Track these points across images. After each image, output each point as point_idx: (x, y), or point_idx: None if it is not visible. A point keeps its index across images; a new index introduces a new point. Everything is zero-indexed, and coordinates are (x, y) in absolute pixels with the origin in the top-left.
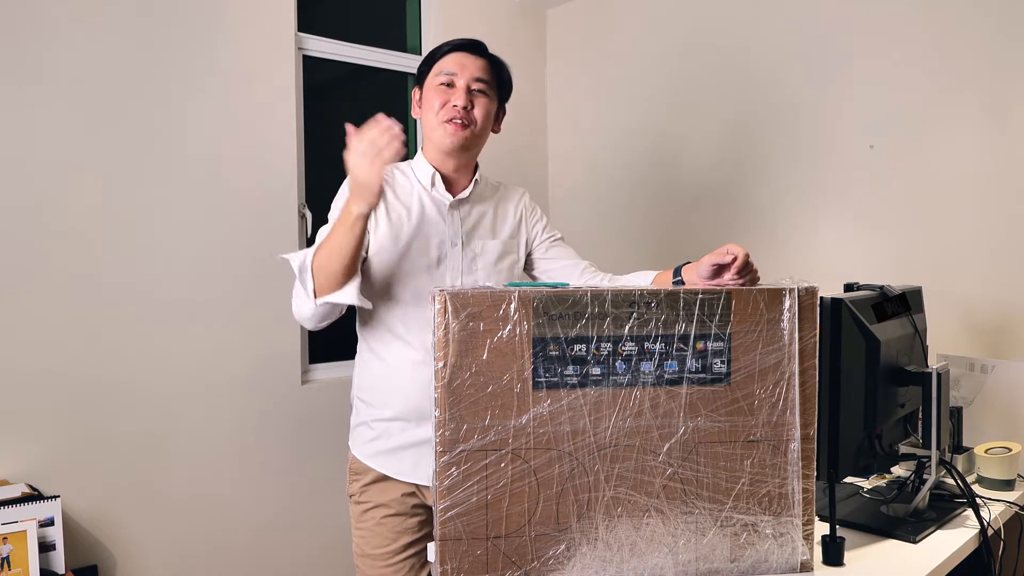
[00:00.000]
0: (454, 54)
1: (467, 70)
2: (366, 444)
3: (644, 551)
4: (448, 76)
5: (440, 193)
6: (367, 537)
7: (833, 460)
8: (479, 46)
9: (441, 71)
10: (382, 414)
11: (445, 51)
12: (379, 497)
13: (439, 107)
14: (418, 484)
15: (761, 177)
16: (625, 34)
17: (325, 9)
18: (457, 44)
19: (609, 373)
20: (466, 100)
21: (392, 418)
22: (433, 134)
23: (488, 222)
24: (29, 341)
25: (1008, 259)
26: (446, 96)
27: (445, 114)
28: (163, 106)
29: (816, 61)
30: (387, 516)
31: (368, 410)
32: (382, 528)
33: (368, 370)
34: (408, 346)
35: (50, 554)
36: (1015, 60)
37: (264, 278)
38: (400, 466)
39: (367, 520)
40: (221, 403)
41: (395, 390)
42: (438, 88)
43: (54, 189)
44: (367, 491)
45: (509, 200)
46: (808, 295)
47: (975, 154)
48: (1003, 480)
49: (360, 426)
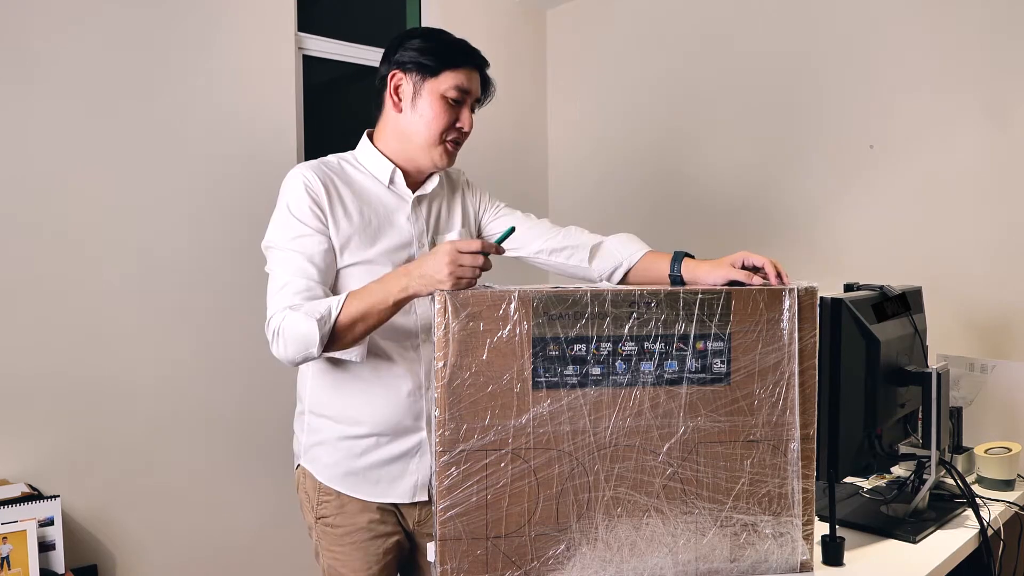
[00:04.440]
0: (470, 71)
1: (475, 90)
2: (329, 467)
3: (644, 551)
4: (461, 94)
5: (400, 190)
6: (344, 560)
7: (833, 460)
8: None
9: (455, 85)
10: (352, 431)
11: (462, 63)
12: (356, 519)
13: (442, 125)
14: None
15: (761, 176)
16: (625, 34)
17: (325, 9)
18: (478, 62)
19: (609, 373)
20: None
21: (365, 435)
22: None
23: (445, 214)
24: (29, 341)
25: (1008, 259)
26: (454, 115)
27: (449, 135)
28: (163, 106)
29: (816, 61)
30: (367, 539)
31: (332, 427)
32: (360, 552)
33: (334, 385)
34: (385, 359)
35: (50, 554)
36: (1015, 60)
37: (264, 278)
38: (374, 488)
39: (344, 543)
40: (221, 403)
41: (369, 404)
42: (446, 102)
43: (54, 189)
44: (342, 514)
45: (455, 186)
46: (808, 295)
47: (975, 154)
48: (1003, 480)
49: (317, 446)
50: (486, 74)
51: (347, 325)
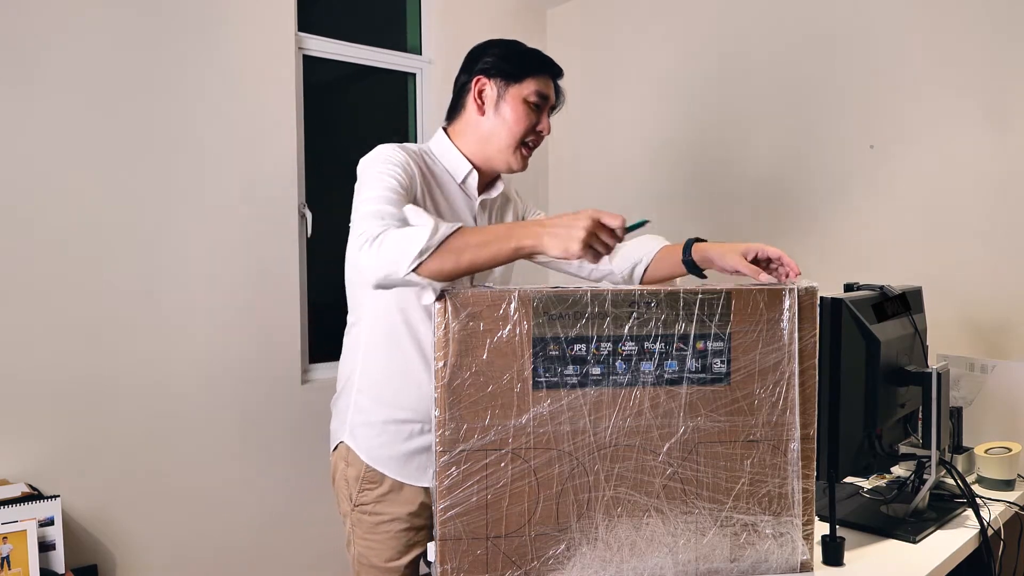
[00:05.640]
0: (548, 79)
1: (552, 97)
2: (374, 448)
3: (644, 551)
4: (541, 99)
5: (470, 190)
6: (377, 549)
7: (833, 460)
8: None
9: (536, 90)
10: (396, 415)
11: (545, 71)
12: (396, 509)
13: (523, 128)
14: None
15: (761, 176)
16: (625, 34)
17: (325, 9)
18: (555, 70)
19: (609, 373)
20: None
21: (407, 420)
22: (501, 148)
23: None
24: (29, 341)
25: (1008, 259)
26: (534, 119)
27: (529, 138)
28: (163, 106)
29: (816, 62)
30: (402, 529)
31: (379, 409)
32: (395, 541)
33: (383, 365)
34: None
35: (50, 554)
36: (1015, 60)
37: (264, 278)
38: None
39: (380, 532)
40: (221, 403)
41: (418, 389)
42: (527, 106)
43: (54, 189)
44: (383, 502)
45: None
46: (808, 295)
47: (976, 154)
48: (1003, 480)
49: (364, 426)
50: (558, 83)
51: (458, 247)
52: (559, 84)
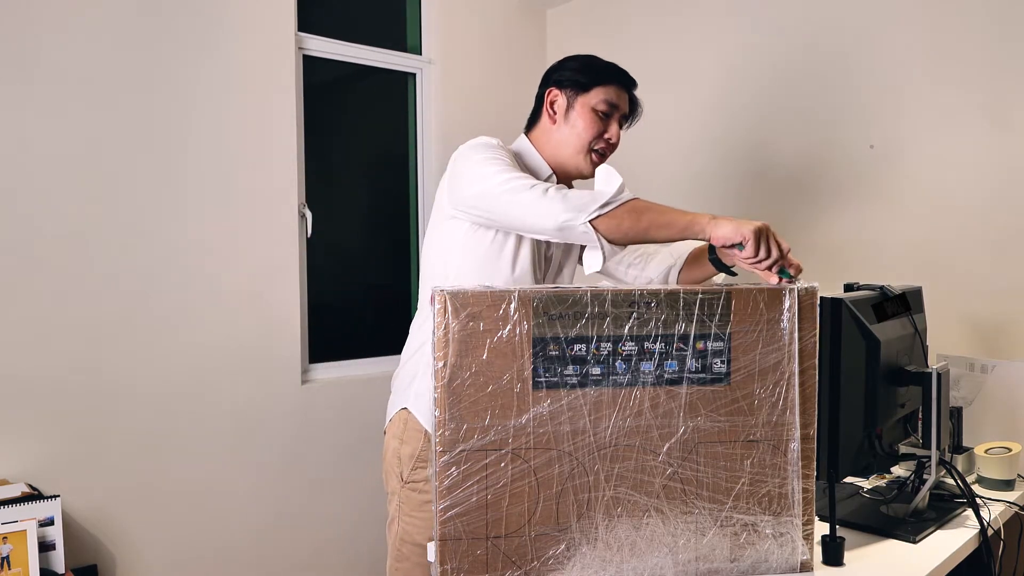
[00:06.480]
0: (620, 88)
1: (623, 106)
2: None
3: (644, 551)
4: (610, 108)
5: None
6: (422, 529)
7: (833, 460)
8: (634, 84)
9: (606, 99)
10: None
11: (614, 81)
12: None
13: (593, 135)
14: None
15: (761, 176)
16: (625, 33)
17: (325, 9)
18: (628, 80)
19: (609, 373)
20: (619, 136)
21: None
22: (571, 154)
23: None
24: (28, 341)
25: (1008, 259)
26: (603, 126)
27: (597, 145)
28: (163, 106)
29: (816, 62)
30: None
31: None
32: None
33: None
34: None
35: (50, 554)
36: (1015, 60)
37: (264, 278)
38: None
39: (427, 510)
40: (221, 403)
41: None
42: (596, 114)
43: (54, 188)
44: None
45: None
46: (808, 295)
47: (976, 153)
48: (1003, 480)
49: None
50: (634, 95)
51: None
52: (635, 95)
